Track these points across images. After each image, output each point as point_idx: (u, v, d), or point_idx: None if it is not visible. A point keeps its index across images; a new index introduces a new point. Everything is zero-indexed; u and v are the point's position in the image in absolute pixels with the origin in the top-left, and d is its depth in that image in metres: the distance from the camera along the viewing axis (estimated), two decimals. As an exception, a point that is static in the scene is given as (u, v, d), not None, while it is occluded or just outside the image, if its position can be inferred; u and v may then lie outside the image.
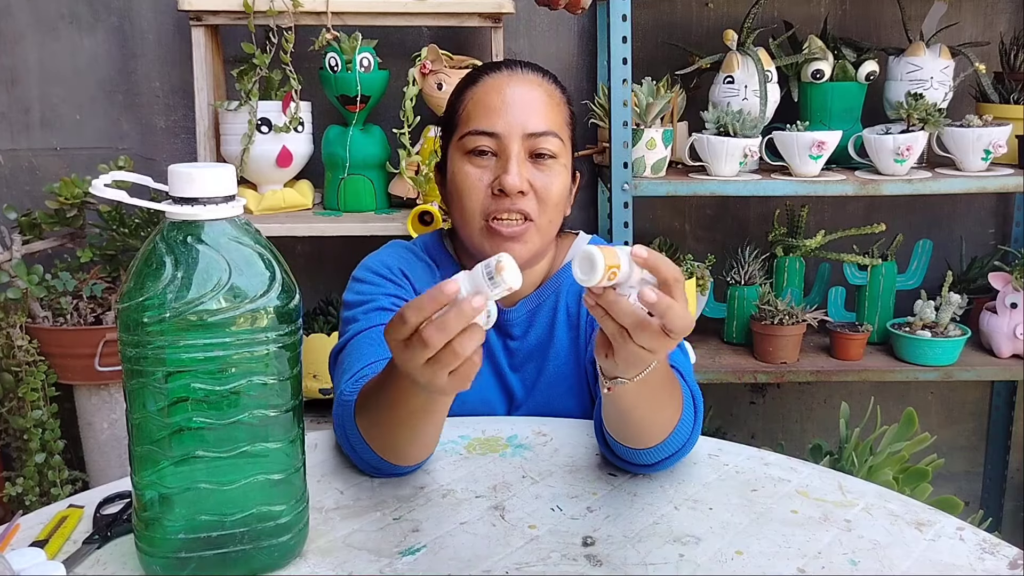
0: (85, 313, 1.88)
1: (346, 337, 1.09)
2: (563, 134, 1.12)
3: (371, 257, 1.19)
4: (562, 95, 1.15)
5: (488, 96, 1.10)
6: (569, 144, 1.14)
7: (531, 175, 1.09)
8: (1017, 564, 0.82)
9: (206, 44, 1.86)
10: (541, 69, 1.15)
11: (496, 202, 1.08)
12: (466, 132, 1.10)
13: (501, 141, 1.08)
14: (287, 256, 0.78)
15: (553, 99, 1.12)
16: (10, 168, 2.12)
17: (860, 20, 2.16)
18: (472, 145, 1.09)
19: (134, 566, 0.81)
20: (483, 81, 1.12)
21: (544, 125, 1.09)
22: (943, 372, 1.95)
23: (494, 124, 1.08)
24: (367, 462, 0.97)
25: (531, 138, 1.08)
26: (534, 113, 1.09)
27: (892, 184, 1.84)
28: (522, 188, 1.07)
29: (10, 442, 1.91)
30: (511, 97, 1.09)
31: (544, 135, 1.09)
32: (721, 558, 0.83)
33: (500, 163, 1.09)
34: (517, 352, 1.18)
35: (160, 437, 0.75)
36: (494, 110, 1.09)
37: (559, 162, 1.11)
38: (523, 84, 1.11)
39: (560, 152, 1.11)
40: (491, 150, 1.09)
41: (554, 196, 1.10)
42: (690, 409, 0.97)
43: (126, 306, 0.73)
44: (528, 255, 1.11)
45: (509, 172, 1.07)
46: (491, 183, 1.09)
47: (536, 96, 1.10)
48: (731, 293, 2.07)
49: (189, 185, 0.74)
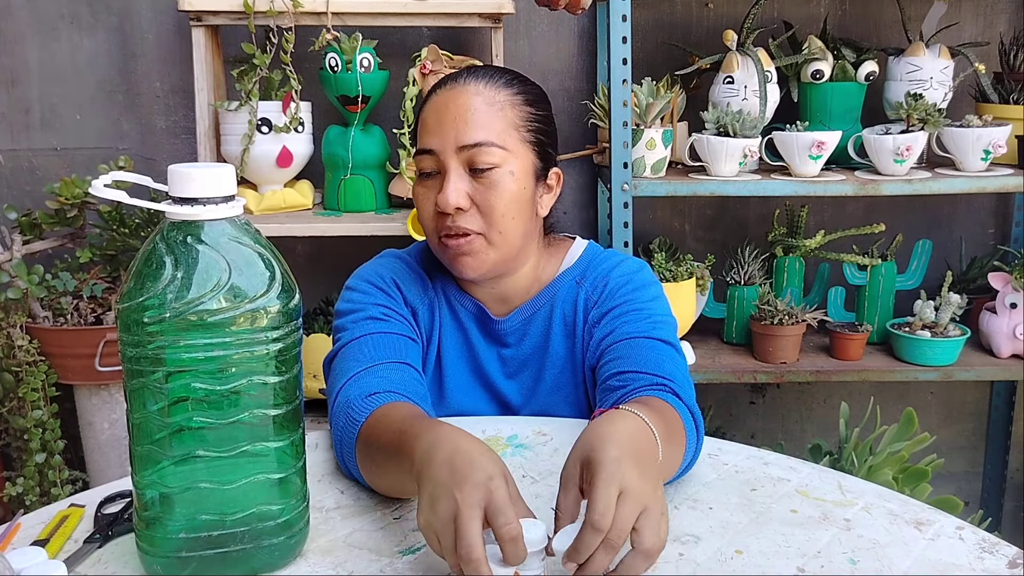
0: (85, 313, 1.88)
1: (337, 346, 1.09)
2: (507, 139, 1.07)
3: (364, 267, 1.19)
4: (514, 96, 1.09)
5: (429, 115, 1.09)
6: (524, 147, 1.09)
7: (472, 189, 1.06)
8: (1017, 564, 0.82)
9: (206, 44, 1.86)
10: (494, 72, 1.11)
11: (441, 220, 1.07)
12: (415, 153, 1.10)
13: (438, 158, 1.07)
14: (287, 256, 0.79)
15: (495, 105, 1.07)
16: (10, 168, 2.12)
17: (860, 20, 2.16)
18: (419, 166, 1.09)
19: (135, 565, 0.81)
20: (431, 99, 1.10)
21: (479, 135, 1.05)
22: (943, 372, 1.95)
23: (430, 141, 1.07)
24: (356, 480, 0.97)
25: (465, 151, 1.05)
26: (467, 123, 1.05)
27: (892, 184, 1.84)
28: (458, 205, 1.05)
29: (10, 442, 1.91)
30: (446, 112, 1.06)
31: (478, 146, 1.05)
32: (721, 557, 0.83)
33: (440, 181, 1.07)
34: (511, 360, 1.18)
35: (160, 437, 0.75)
36: (431, 128, 1.07)
37: (502, 171, 1.06)
38: (462, 96, 1.07)
39: (503, 160, 1.06)
40: (433, 169, 1.08)
41: (500, 207, 1.06)
42: (692, 433, 0.97)
43: (126, 306, 0.73)
44: (486, 266, 1.09)
45: (444, 191, 1.05)
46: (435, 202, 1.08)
47: (473, 105, 1.06)
48: (731, 293, 2.07)
49: (189, 185, 0.74)
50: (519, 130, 1.09)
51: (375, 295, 1.13)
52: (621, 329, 1.09)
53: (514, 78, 1.12)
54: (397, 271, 1.17)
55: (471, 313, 1.17)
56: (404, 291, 1.16)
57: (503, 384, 1.18)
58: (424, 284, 1.18)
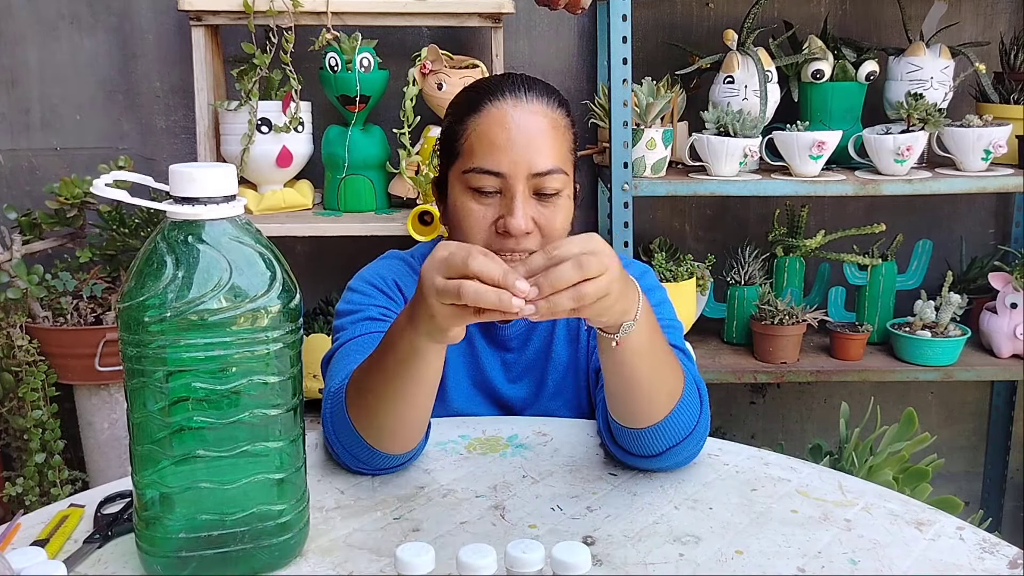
0: (85, 313, 1.88)
1: (335, 346, 1.09)
2: (567, 165, 1.08)
3: (366, 268, 1.18)
4: (566, 118, 1.10)
5: (491, 130, 1.05)
6: (572, 169, 1.10)
7: (535, 212, 1.06)
8: (1017, 564, 0.82)
9: (206, 44, 1.86)
10: (546, 90, 1.10)
11: (500, 240, 1.06)
12: (470, 168, 1.06)
13: (506, 181, 1.04)
14: (287, 256, 0.79)
15: (558, 129, 1.07)
16: (10, 168, 2.12)
17: (860, 20, 2.16)
18: (476, 184, 1.06)
19: (135, 565, 0.81)
20: (485, 111, 1.06)
21: (550, 163, 1.05)
22: (943, 372, 1.95)
23: (499, 163, 1.04)
24: (355, 456, 0.97)
25: (536, 177, 1.04)
26: (539, 151, 1.04)
27: (892, 184, 1.84)
28: (527, 230, 1.05)
29: (10, 442, 1.91)
30: (516, 133, 1.04)
31: (550, 173, 1.04)
32: (721, 557, 0.83)
33: (504, 202, 1.05)
34: (514, 365, 1.18)
35: (161, 436, 0.75)
36: (498, 147, 1.04)
37: (563, 195, 1.07)
38: (527, 116, 1.05)
39: (564, 184, 1.07)
40: (495, 189, 1.06)
41: (558, 230, 1.07)
42: (693, 392, 0.96)
43: (127, 306, 0.73)
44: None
45: (515, 215, 1.03)
46: (495, 221, 1.06)
47: (542, 129, 1.05)
48: (731, 293, 2.07)
49: (190, 185, 0.74)
50: (571, 153, 1.11)
51: (375, 296, 1.13)
52: None
53: (560, 97, 1.11)
54: (399, 273, 1.17)
55: None
56: (405, 293, 1.16)
57: (505, 389, 1.18)
58: None
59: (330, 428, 0.98)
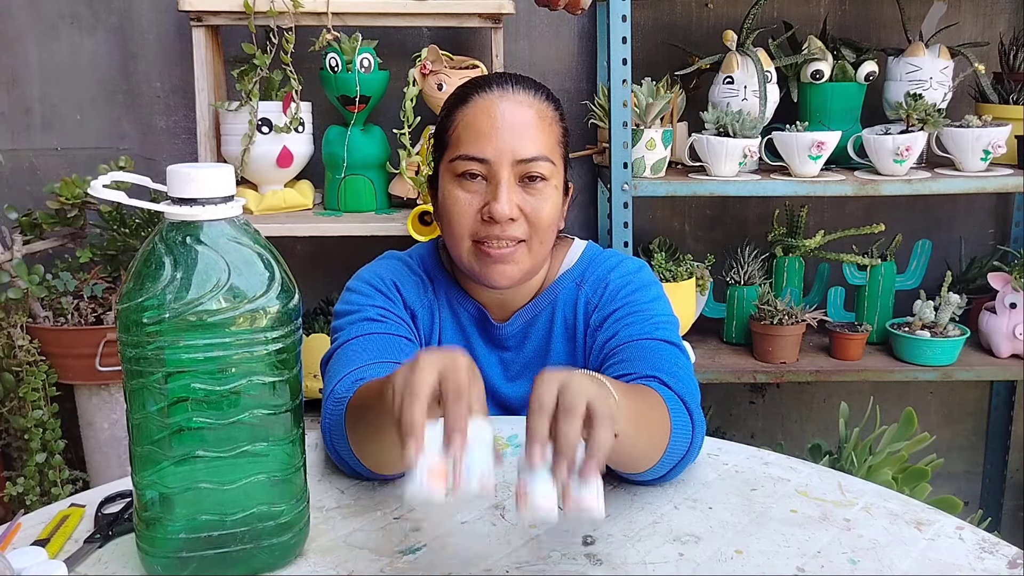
0: (86, 313, 1.88)
1: (334, 347, 1.10)
2: (555, 155, 1.09)
3: (365, 268, 1.19)
4: (555, 112, 1.11)
5: (478, 119, 1.07)
6: (561, 162, 1.11)
7: (521, 200, 1.07)
8: (1016, 563, 0.82)
9: (206, 44, 1.86)
10: (534, 84, 1.11)
11: (486, 227, 1.07)
12: (456, 156, 1.08)
13: (491, 167, 1.06)
14: (287, 256, 0.78)
15: (545, 119, 1.09)
16: (10, 168, 2.12)
17: (860, 20, 2.16)
18: (461, 169, 1.07)
19: (135, 565, 0.81)
20: (473, 101, 1.09)
21: (535, 150, 1.06)
22: (942, 372, 1.95)
23: (484, 150, 1.06)
24: (353, 468, 0.97)
25: (521, 163, 1.06)
26: (524, 137, 1.06)
27: (891, 184, 1.84)
28: (512, 215, 1.06)
29: (11, 442, 1.91)
30: (501, 121, 1.06)
31: (535, 160, 1.06)
32: (721, 557, 0.83)
33: (490, 188, 1.07)
34: (512, 364, 1.18)
35: (160, 437, 0.75)
36: (484, 134, 1.06)
37: (550, 184, 1.08)
38: (514, 105, 1.07)
39: (551, 174, 1.08)
40: (481, 174, 1.07)
41: (545, 218, 1.08)
42: (681, 415, 0.96)
43: (125, 307, 0.73)
44: (519, 275, 1.10)
45: (499, 200, 1.05)
46: (480, 208, 1.07)
47: (527, 118, 1.07)
48: (731, 293, 2.07)
49: (188, 185, 0.74)
50: (559, 146, 1.12)
51: (374, 297, 1.13)
52: (623, 332, 1.09)
53: (550, 93, 1.13)
54: (398, 273, 1.17)
55: (472, 317, 1.17)
56: (404, 293, 1.16)
57: (504, 388, 1.18)
58: (425, 287, 1.18)
59: (328, 438, 0.98)
